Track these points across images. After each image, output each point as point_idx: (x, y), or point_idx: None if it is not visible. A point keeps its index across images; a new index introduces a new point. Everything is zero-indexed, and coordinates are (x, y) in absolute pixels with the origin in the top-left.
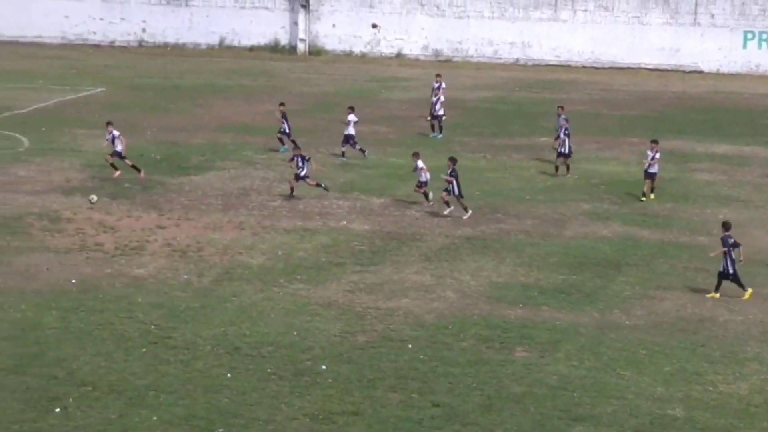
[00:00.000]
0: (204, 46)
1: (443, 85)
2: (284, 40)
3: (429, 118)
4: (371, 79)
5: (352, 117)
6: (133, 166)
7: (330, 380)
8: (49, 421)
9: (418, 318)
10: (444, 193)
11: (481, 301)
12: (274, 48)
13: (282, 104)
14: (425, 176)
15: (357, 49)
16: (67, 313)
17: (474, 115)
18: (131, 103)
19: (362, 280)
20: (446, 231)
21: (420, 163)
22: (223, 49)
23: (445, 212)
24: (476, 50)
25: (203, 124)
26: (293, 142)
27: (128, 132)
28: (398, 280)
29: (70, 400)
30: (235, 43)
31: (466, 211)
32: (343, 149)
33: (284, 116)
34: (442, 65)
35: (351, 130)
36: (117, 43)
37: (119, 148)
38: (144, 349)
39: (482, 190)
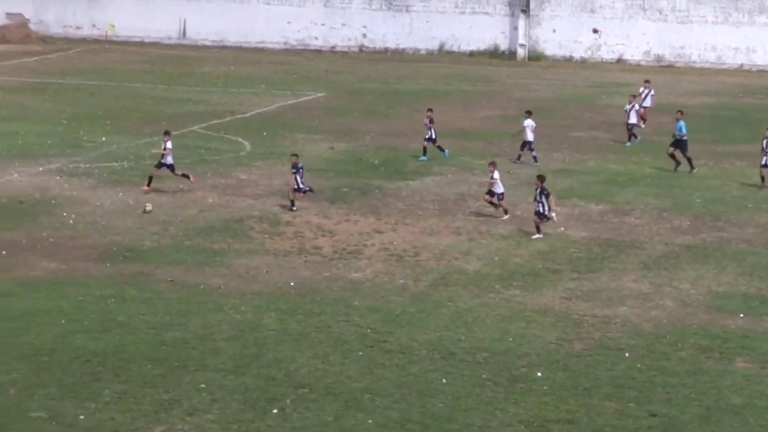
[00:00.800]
0: (423, 52)
1: (652, 92)
2: (504, 46)
3: (642, 124)
4: (591, 85)
5: (529, 122)
6: (183, 175)
7: (545, 387)
8: (266, 422)
9: (636, 326)
10: (535, 217)
11: (700, 310)
12: (494, 53)
13: (430, 110)
14: (499, 188)
15: (577, 54)
16: (286, 315)
17: (695, 122)
18: (351, 107)
19: (579, 287)
20: (665, 239)
21: (496, 174)
22: (442, 55)
23: (534, 236)
24: (699, 55)
25: (422, 129)
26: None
27: (347, 137)
28: (616, 287)
29: (288, 401)
30: (455, 48)
31: (539, 231)
32: (534, 155)
33: (431, 121)
34: (663, 71)
35: (529, 136)
36: (338, 48)
37: (169, 161)
38: (360, 353)
39: (703, 197)
